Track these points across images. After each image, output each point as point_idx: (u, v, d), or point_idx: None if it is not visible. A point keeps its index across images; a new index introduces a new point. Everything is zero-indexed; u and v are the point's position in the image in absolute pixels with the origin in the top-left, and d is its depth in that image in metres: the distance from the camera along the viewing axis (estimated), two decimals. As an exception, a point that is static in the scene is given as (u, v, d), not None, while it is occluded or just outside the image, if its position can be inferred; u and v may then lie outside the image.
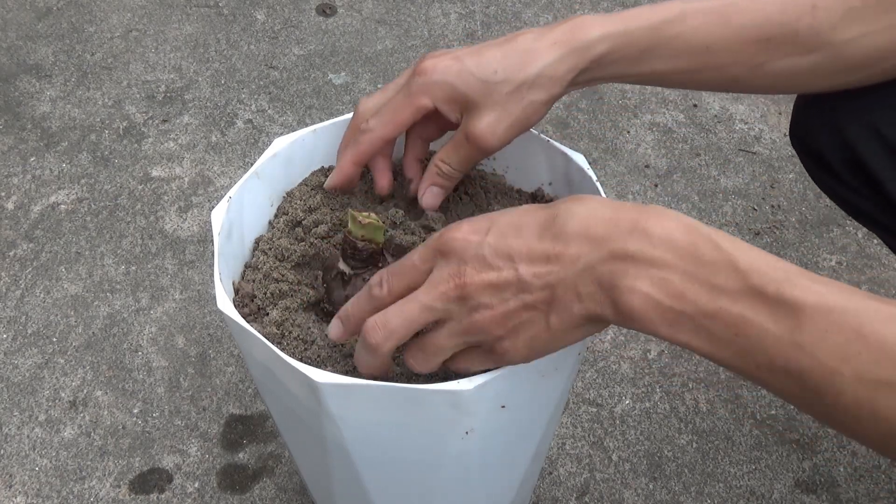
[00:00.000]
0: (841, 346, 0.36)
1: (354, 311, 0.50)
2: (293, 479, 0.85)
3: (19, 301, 1.01)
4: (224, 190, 1.16)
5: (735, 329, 0.39)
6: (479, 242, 0.44)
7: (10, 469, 0.86)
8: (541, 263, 0.43)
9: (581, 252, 0.42)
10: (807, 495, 0.86)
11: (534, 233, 0.43)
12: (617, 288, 0.41)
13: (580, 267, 0.42)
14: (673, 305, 0.40)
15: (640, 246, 0.40)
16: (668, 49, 0.55)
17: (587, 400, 0.93)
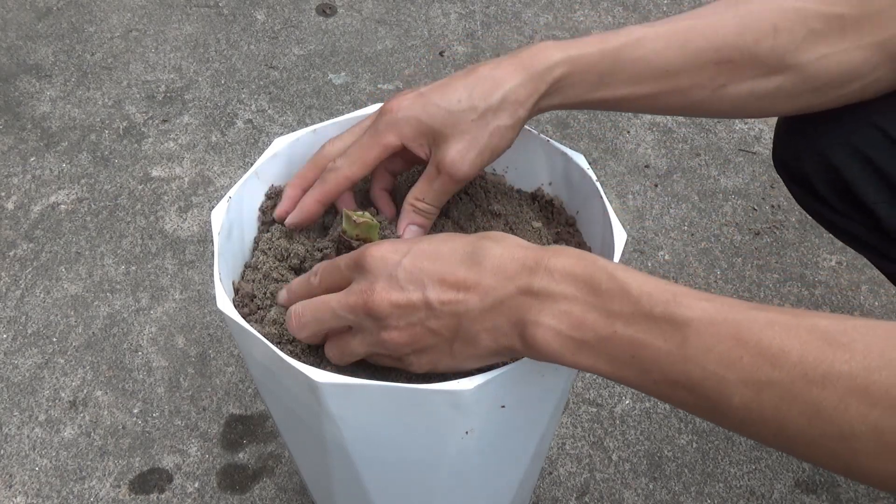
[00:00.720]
0: (725, 354, 0.39)
1: (294, 287, 0.54)
2: (293, 479, 0.85)
3: (19, 301, 1.01)
4: (224, 190, 1.16)
5: (631, 350, 0.41)
6: (395, 262, 0.46)
7: (10, 469, 0.86)
8: (452, 291, 0.45)
9: (493, 285, 0.44)
10: (807, 495, 0.86)
11: (450, 261, 0.45)
12: (524, 322, 0.43)
13: (490, 300, 0.44)
14: (573, 335, 0.42)
15: (545, 283, 0.43)
16: (628, 73, 0.56)
17: (587, 400, 0.93)
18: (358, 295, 0.47)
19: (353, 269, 0.48)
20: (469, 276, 0.44)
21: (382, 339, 0.47)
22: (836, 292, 1.05)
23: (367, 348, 0.49)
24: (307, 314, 0.50)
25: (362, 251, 0.48)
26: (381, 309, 0.46)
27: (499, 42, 1.43)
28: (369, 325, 0.47)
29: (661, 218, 1.14)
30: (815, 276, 1.07)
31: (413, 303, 0.45)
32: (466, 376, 0.48)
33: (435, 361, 0.48)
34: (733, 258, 1.09)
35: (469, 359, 0.47)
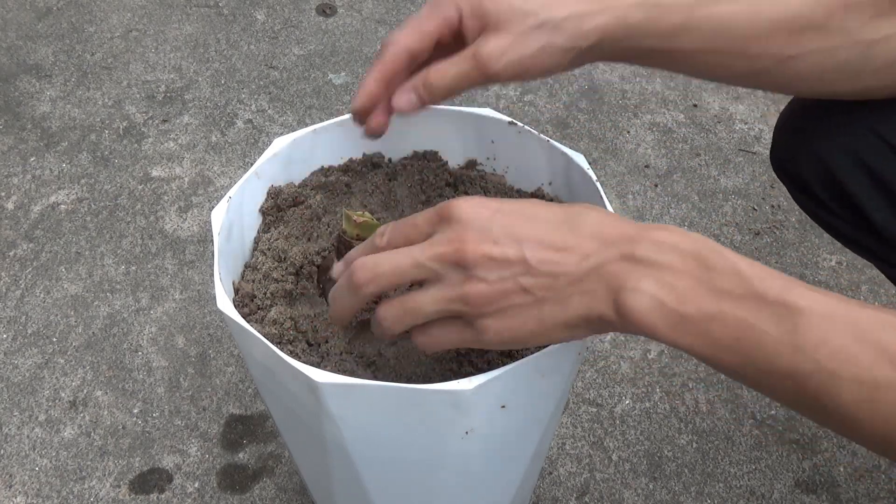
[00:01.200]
0: (840, 349, 0.37)
1: (354, 255, 0.49)
2: (293, 479, 0.85)
3: (19, 301, 1.01)
4: (224, 190, 1.16)
5: (736, 332, 0.39)
6: (488, 217, 0.44)
7: (10, 469, 0.86)
8: (550, 251, 0.43)
9: (592, 249, 0.42)
10: (807, 495, 0.86)
11: (547, 224, 0.44)
12: (623, 288, 0.41)
13: (590, 264, 0.42)
14: (676, 308, 0.40)
15: (649, 251, 0.41)
16: (700, 30, 0.54)
17: (587, 400, 0.93)
18: (446, 244, 0.44)
19: (435, 223, 0.45)
20: (568, 239, 0.43)
21: (465, 292, 0.44)
22: (836, 292, 1.05)
23: (442, 305, 0.45)
24: (383, 264, 0.45)
25: (447, 204, 0.45)
26: (472, 258, 0.43)
27: (499, 42, 1.43)
28: (454, 276, 0.44)
29: (661, 218, 1.14)
30: (815, 276, 1.07)
31: (508, 257, 0.43)
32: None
33: (516, 327, 0.44)
34: (733, 258, 1.09)
35: (556, 326, 0.44)
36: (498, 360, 0.55)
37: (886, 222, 0.63)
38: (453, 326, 0.46)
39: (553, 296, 0.43)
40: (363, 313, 0.58)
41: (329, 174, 0.66)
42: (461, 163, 0.69)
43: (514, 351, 0.55)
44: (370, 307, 0.58)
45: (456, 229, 0.44)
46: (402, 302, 0.46)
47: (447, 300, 0.45)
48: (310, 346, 0.57)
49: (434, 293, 0.45)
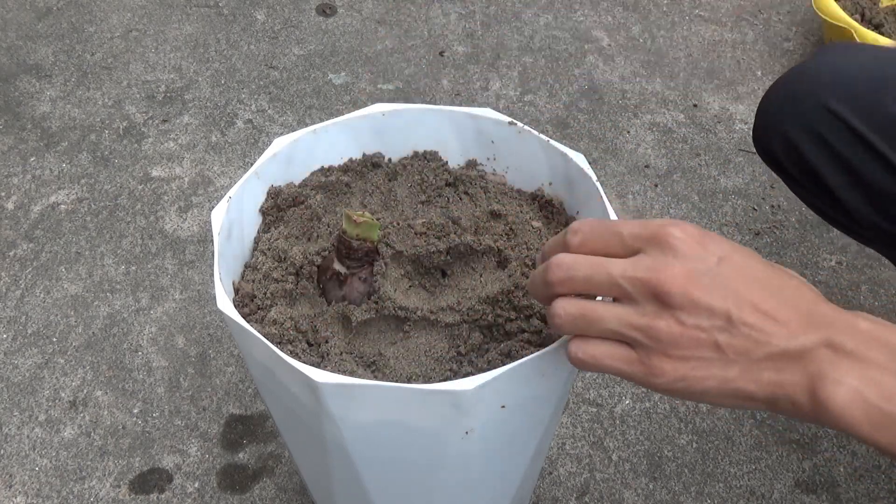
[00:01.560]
0: None
1: (548, 248, 0.48)
2: (293, 479, 0.85)
3: (19, 301, 1.01)
4: (224, 190, 1.16)
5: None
6: (705, 258, 0.41)
7: (10, 469, 0.86)
8: (759, 316, 0.41)
9: (800, 329, 0.41)
10: (807, 495, 0.86)
11: (763, 287, 0.41)
12: (825, 378, 0.40)
13: (795, 344, 0.40)
14: (882, 406, 0.39)
15: (857, 343, 0.40)
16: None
17: (587, 400, 0.93)
18: (652, 272, 0.41)
19: (645, 241, 0.43)
20: (781, 311, 0.41)
21: (655, 326, 0.41)
22: (836, 292, 1.05)
23: (624, 329, 0.43)
24: (580, 269, 0.43)
25: (664, 227, 0.42)
26: (675, 296, 0.41)
27: (499, 42, 1.43)
28: (648, 305, 0.42)
29: (661, 218, 1.14)
30: (815, 276, 1.07)
31: (713, 308, 0.40)
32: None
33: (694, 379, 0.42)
34: (733, 258, 1.09)
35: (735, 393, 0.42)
36: (498, 359, 0.55)
37: (851, 199, 0.65)
38: (623, 354, 0.44)
39: (745, 363, 0.41)
40: (364, 313, 0.58)
41: (329, 174, 0.66)
42: (461, 163, 0.69)
43: (514, 351, 0.55)
44: (373, 308, 0.58)
45: (667, 258, 0.42)
46: (583, 307, 0.44)
47: (631, 326, 0.42)
48: (310, 346, 0.57)
49: (620, 314, 0.43)
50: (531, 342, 0.56)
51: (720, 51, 1.44)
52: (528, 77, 1.36)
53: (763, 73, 1.39)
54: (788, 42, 1.47)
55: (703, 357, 0.41)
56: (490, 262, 0.60)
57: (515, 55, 1.40)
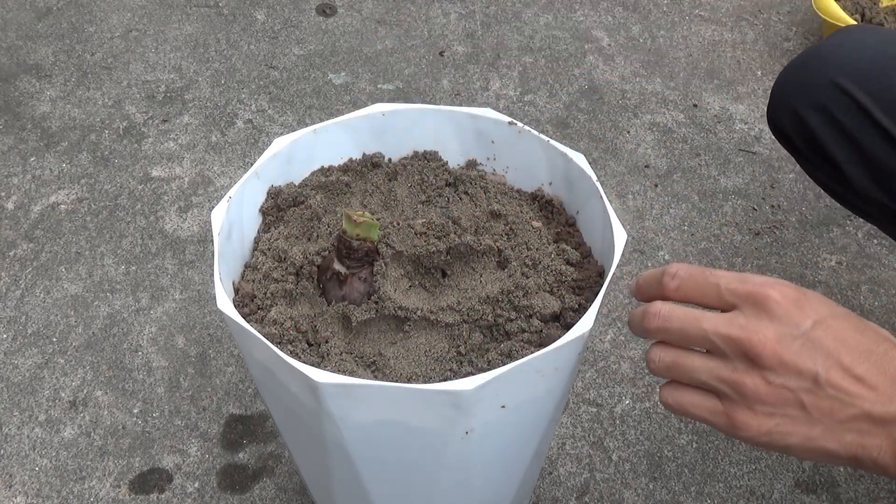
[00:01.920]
0: None
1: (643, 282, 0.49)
2: (293, 479, 0.85)
3: (19, 301, 1.01)
4: (224, 190, 1.16)
5: None
6: (798, 322, 0.42)
7: (10, 469, 0.86)
8: (848, 379, 0.42)
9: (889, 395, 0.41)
10: (807, 495, 0.86)
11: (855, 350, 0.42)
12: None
13: (883, 410, 0.41)
14: None
15: None
16: None
17: (587, 400, 0.93)
18: (745, 331, 0.43)
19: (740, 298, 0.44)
20: (870, 375, 0.41)
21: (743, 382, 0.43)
22: (836, 292, 1.05)
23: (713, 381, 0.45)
24: (675, 321, 0.46)
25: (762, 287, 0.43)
26: (767, 356, 0.42)
27: (499, 42, 1.43)
28: (738, 362, 0.43)
29: (661, 218, 1.14)
30: (815, 276, 1.07)
31: (801, 369, 0.42)
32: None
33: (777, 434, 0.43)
34: (733, 258, 1.09)
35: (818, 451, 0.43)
36: (498, 360, 0.55)
37: (855, 174, 0.66)
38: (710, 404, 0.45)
39: (829, 422, 0.42)
40: (364, 313, 0.58)
41: (329, 174, 0.66)
42: (461, 163, 0.69)
43: (514, 351, 0.55)
44: (373, 308, 0.58)
45: (762, 320, 0.43)
46: (677, 357, 0.46)
47: (720, 379, 0.44)
48: (310, 346, 0.57)
49: (711, 367, 0.44)
50: (531, 342, 0.56)
51: (720, 51, 1.44)
52: (528, 77, 1.36)
53: (763, 73, 1.39)
54: (788, 42, 1.47)
55: (788, 415, 0.43)
56: (490, 262, 0.60)
57: (515, 55, 1.40)
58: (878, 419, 0.41)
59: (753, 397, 0.43)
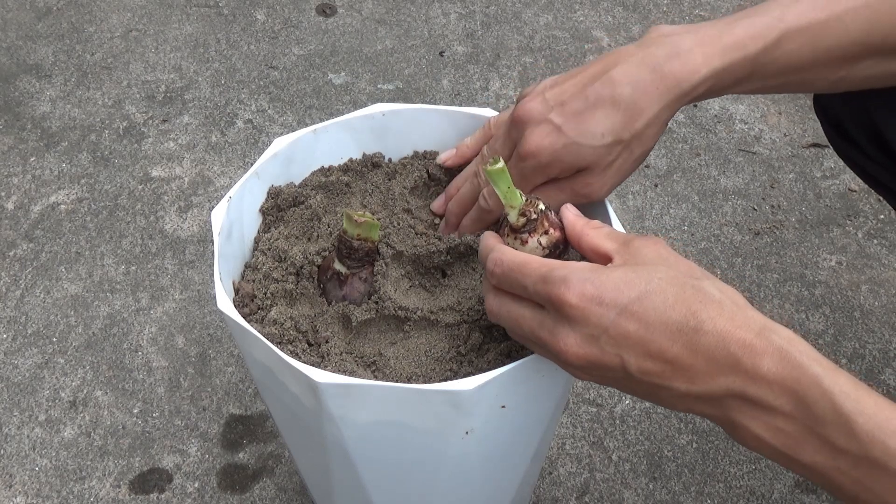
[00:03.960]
0: None
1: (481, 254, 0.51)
2: (293, 479, 0.85)
3: (19, 301, 1.01)
4: (224, 190, 1.16)
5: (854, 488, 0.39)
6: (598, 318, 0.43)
7: (10, 469, 0.86)
8: (658, 363, 0.42)
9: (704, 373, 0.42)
10: (807, 495, 0.86)
11: (660, 332, 0.42)
12: (733, 422, 0.42)
13: (699, 389, 0.42)
14: (788, 452, 0.41)
15: (760, 392, 0.40)
16: (762, 74, 0.56)
17: (587, 400, 0.93)
18: (551, 335, 0.45)
19: (543, 300, 0.45)
20: (680, 358, 0.42)
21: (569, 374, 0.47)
22: (836, 292, 1.05)
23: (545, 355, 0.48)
24: (503, 321, 0.49)
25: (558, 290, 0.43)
26: (572, 361, 0.44)
27: (499, 42, 1.43)
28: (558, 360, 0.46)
29: (661, 218, 1.14)
30: (815, 276, 1.07)
31: (609, 365, 0.43)
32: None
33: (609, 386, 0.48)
34: (733, 258, 1.09)
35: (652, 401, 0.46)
36: (498, 360, 0.55)
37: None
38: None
39: (654, 398, 0.44)
40: (364, 313, 0.58)
41: (329, 174, 0.66)
42: (461, 163, 0.69)
43: (514, 351, 0.55)
44: (373, 308, 0.58)
45: (563, 326, 0.44)
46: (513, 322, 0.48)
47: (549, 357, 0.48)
48: (310, 346, 0.57)
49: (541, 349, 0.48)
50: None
51: (720, 51, 1.44)
52: (528, 77, 1.36)
53: (763, 73, 1.39)
54: (788, 42, 1.47)
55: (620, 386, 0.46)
56: (490, 262, 0.60)
57: (515, 55, 1.40)
58: (698, 397, 0.42)
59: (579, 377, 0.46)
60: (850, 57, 0.56)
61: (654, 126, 0.54)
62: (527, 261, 0.47)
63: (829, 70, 0.57)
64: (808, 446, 0.40)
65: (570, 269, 0.44)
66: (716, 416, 0.43)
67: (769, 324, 0.42)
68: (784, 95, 1.33)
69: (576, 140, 0.53)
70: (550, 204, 0.52)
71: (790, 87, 0.59)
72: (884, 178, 0.67)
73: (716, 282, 0.44)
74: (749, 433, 0.41)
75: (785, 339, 0.41)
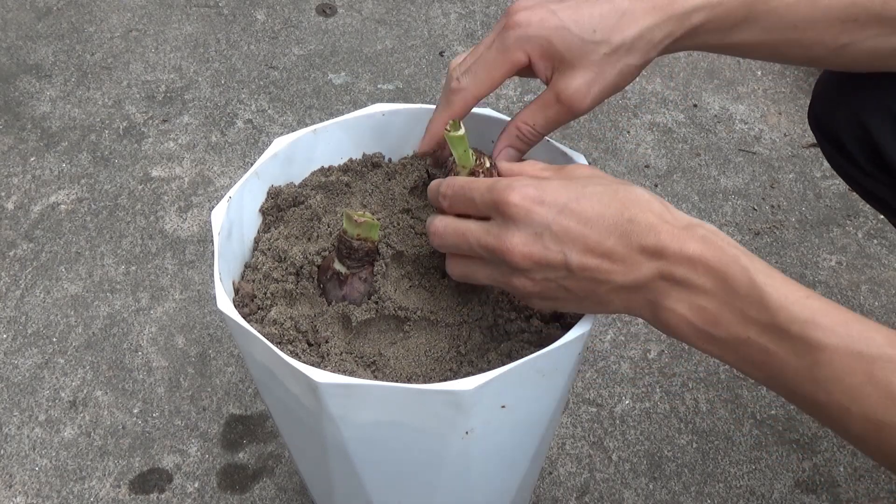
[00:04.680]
0: (853, 387, 0.41)
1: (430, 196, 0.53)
2: (293, 479, 0.85)
3: (19, 301, 1.01)
4: (224, 190, 1.16)
5: (762, 356, 0.43)
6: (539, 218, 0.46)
7: (10, 469, 0.86)
8: (595, 259, 0.46)
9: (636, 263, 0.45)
10: (807, 495, 0.86)
11: (598, 227, 0.46)
12: (660, 306, 0.46)
13: (631, 278, 0.46)
14: (707, 329, 0.45)
15: (684, 272, 0.44)
16: (759, 23, 0.55)
17: (587, 400, 0.93)
18: (497, 239, 0.47)
19: (490, 208, 0.48)
20: (616, 249, 0.45)
21: (512, 283, 0.48)
22: (836, 292, 1.05)
23: (492, 281, 0.50)
24: (448, 238, 0.51)
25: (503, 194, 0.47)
26: (518, 261, 0.47)
27: (499, 42, 1.43)
28: (503, 268, 0.48)
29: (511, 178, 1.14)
30: (815, 276, 1.07)
31: (552, 262, 0.46)
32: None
33: (560, 307, 0.50)
34: (733, 258, 1.09)
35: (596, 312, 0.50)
36: (498, 360, 0.55)
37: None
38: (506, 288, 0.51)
39: (593, 297, 0.47)
40: (364, 313, 0.58)
41: (329, 174, 0.66)
42: (461, 163, 0.69)
43: (514, 351, 0.55)
44: (373, 308, 0.58)
45: (508, 228, 0.47)
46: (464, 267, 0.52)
47: (497, 282, 0.50)
48: (310, 346, 0.57)
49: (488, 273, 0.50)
50: (531, 342, 0.56)
51: (720, 51, 1.44)
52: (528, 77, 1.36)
53: (763, 73, 1.39)
54: (788, 42, 1.47)
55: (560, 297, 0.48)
56: (490, 262, 0.60)
57: (515, 55, 1.40)
58: (633, 286, 0.46)
59: (528, 294, 0.49)
60: (851, 20, 0.55)
61: (644, 41, 0.53)
62: (475, 179, 0.50)
63: (829, 32, 0.56)
64: (723, 320, 0.44)
65: (514, 178, 0.48)
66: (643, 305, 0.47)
67: (695, 220, 0.46)
68: (784, 95, 1.33)
69: (567, 26, 0.53)
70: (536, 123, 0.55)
71: (791, 50, 0.57)
72: (881, 192, 0.66)
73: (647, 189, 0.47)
74: (673, 314, 0.45)
75: (709, 230, 0.45)
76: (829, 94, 0.68)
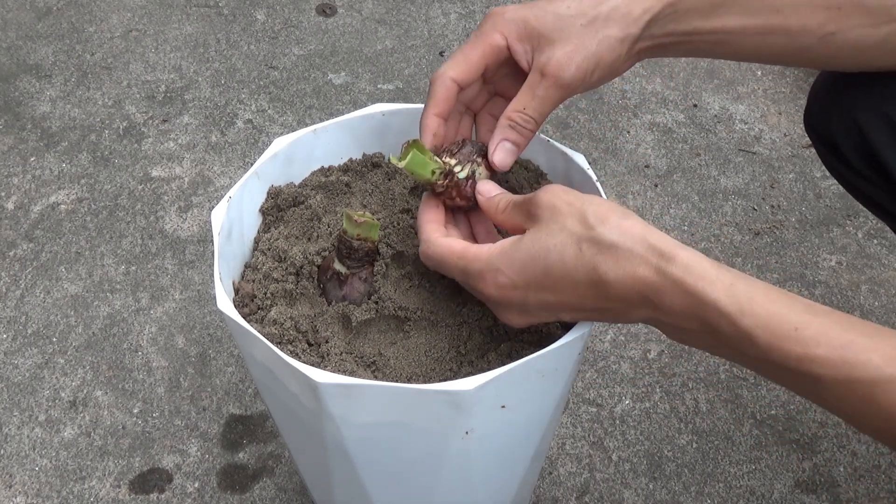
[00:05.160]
0: (857, 412, 0.43)
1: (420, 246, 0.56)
2: (293, 479, 0.85)
3: (19, 301, 1.01)
4: (224, 190, 1.16)
5: (766, 373, 0.46)
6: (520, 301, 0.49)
7: (10, 469, 0.86)
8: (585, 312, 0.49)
9: (621, 310, 0.48)
10: (807, 495, 0.86)
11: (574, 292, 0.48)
12: (654, 324, 0.48)
13: (625, 318, 0.49)
14: (710, 351, 0.48)
15: (670, 319, 0.46)
16: (740, 5, 0.55)
17: (587, 400, 0.93)
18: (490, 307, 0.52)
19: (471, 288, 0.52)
20: (599, 305, 0.48)
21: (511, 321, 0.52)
22: (836, 292, 1.05)
23: None
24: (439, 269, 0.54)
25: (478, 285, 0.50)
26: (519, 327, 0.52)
27: (499, 42, 1.43)
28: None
29: (661, 218, 1.14)
30: (815, 276, 1.07)
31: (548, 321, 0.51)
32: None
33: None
34: (733, 258, 1.09)
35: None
36: (498, 360, 0.55)
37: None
38: None
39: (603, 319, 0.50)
40: (364, 313, 0.58)
41: (329, 174, 0.66)
42: (461, 163, 0.69)
43: (513, 351, 0.55)
44: (373, 308, 0.58)
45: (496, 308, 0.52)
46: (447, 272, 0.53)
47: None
48: (310, 346, 0.57)
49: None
50: (531, 342, 0.56)
51: (720, 51, 1.44)
52: (528, 77, 1.36)
53: (763, 73, 1.39)
54: (788, 42, 1.47)
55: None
56: (490, 262, 0.60)
57: (515, 55, 1.40)
58: (628, 321, 0.49)
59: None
60: (834, 7, 0.55)
61: (620, 12, 0.53)
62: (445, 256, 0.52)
63: (814, 19, 0.55)
64: (721, 352, 0.47)
65: (482, 262, 0.49)
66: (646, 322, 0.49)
67: (665, 252, 0.46)
68: (784, 95, 1.33)
69: (542, 6, 0.54)
70: (527, 107, 0.54)
71: (778, 39, 0.57)
72: (877, 196, 0.66)
73: (607, 220, 0.47)
74: (676, 339, 0.48)
75: (682, 269, 0.45)
76: (825, 97, 0.67)
